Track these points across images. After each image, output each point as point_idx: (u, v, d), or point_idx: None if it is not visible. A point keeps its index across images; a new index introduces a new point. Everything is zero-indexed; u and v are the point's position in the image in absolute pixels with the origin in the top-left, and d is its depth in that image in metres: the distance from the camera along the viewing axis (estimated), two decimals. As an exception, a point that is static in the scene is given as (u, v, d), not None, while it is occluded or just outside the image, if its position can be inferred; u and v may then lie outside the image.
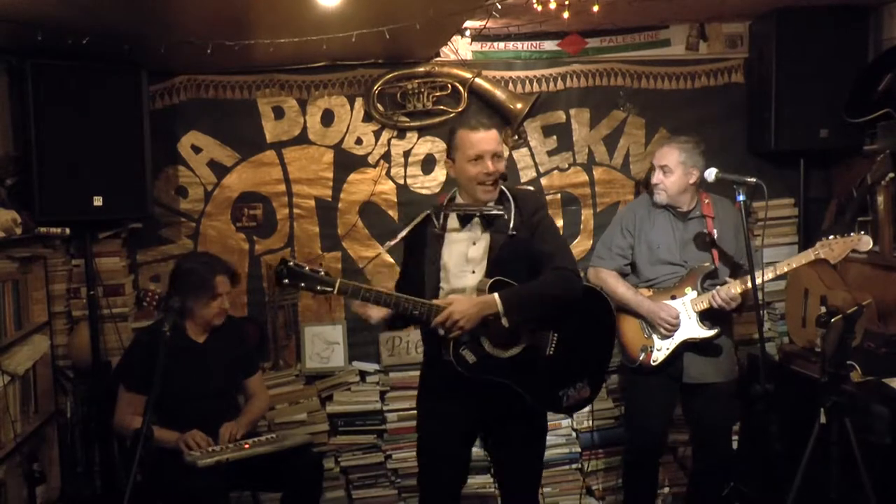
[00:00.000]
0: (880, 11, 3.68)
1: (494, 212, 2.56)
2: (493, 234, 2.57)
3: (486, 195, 2.56)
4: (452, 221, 2.62)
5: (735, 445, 3.70)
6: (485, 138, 2.53)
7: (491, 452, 2.82)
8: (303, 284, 2.39)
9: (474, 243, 2.58)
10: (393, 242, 2.69)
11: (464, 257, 2.58)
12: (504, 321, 2.42)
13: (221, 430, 3.03)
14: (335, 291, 2.41)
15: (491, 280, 2.48)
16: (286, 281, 2.38)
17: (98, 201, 3.23)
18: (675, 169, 3.16)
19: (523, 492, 2.73)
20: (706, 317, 3.15)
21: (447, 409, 2.61)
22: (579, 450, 3.85)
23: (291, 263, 2.40)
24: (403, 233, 2.66)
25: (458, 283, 2.56)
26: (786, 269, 3.10)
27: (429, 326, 2.47)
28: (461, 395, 2.56)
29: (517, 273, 2.53)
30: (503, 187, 2.64)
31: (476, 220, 2.58)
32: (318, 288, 2.40)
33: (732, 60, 3.99)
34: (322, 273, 2.41)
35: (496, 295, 2.43)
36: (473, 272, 2.56)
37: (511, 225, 2.56)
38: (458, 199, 2.66)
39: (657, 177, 3.21)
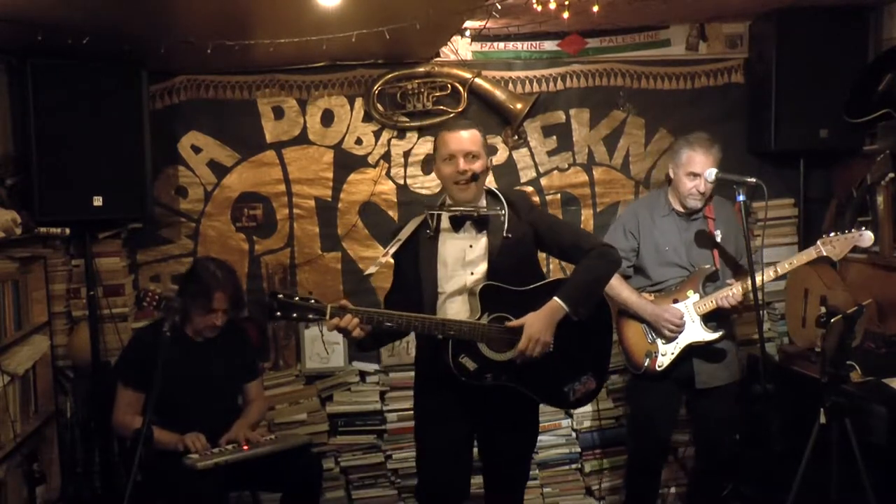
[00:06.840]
0: (880, 11, 3.68)
1: (491, 213, 2.57)
2: (490, 235, 2.58)
3: (461, 194, 2.56)
4: (444, 224, 2.62)
5: (735, 445, 3.70)
6: (456, 138, 2.54)
7: (481, 452, 2.79)
8: (294, 315, 2.37)
9: (471, 245, 2.58)
10: (396, 247, 2.60)
11: (461, 259, 2.58)
12: (574, 318, 2.47)
13: (230, 434, 3.04)
14: (327, 317, 2.38)
15: (481, 285, 2.49)
16: (278, 314, 2.36)
17: (98, 201, 3.23)
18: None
19: (511, 493, 2.75)
20: (710, 319, 3.13)
21: (448, 410, 2.60)
22: (579, 450, 3.84)
23: (281, 296, 2.37)
24: (405, 235, 2.62)
25: (455, 284, 2.57)
26: (787, 268, 3.09)
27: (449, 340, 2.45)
28: (461, 396, 2.56)
29: (516, 273, 2.55)
30: (495, 189, 2.67)
31: (469, 222, 2.58)
32: (310, 317, 2.38)
33: (732, 60, 3.99)
34: (312, 301, 2.38)
35: (556, 298, 2.46)
36: (472, 273, 2.57)
37: (506, 226, 2.57)
38: (448, 202, 2.65)
39: (704, 186, 3.11)
